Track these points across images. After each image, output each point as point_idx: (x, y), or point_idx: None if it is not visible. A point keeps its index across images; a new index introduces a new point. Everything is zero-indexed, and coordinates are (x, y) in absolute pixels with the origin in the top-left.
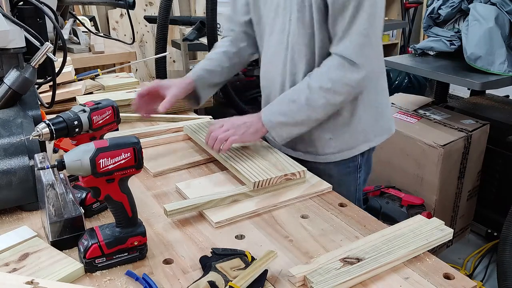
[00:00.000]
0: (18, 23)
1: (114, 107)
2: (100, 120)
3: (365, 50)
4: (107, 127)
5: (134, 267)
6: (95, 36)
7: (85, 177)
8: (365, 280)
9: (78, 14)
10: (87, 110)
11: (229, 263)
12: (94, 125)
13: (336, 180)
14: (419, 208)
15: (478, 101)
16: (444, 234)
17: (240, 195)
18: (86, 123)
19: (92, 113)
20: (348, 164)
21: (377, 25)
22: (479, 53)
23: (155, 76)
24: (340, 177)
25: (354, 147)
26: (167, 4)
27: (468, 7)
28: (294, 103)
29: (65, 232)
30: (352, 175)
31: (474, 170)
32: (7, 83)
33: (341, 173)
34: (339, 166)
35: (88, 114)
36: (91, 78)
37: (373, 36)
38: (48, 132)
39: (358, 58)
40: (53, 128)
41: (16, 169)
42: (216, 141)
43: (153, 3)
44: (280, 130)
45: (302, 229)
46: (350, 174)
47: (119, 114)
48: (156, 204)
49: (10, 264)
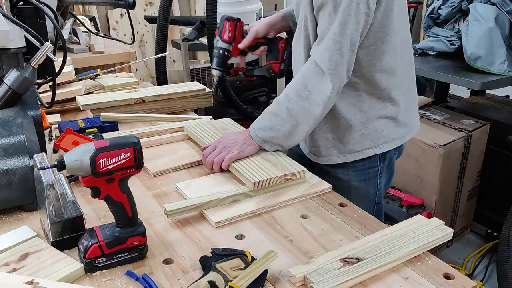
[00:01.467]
0: (18, 23)
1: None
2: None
3: (333, 58)
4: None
5: (134, 267)
6: (95, 36)
7: (85, 177)
8: (365, 280)
9: (78, 14)
10: None
11: (229, 263)
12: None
13: (354, 186)
14: (419, 208)
15: (478, 101)
16: (444, 234)
17: (240, 195)
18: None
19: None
20: (368, 170)
21: (348, 35)
22: (479, 53)
23: (155, 76)
24: (358, 184)
25: (359, 151)
26: (167, 4)
27: (468, 7)
28: (276, 116)
29: (65, 232)
30: (371, 180)
31: (474, 170)
32: (7, 83)
33: (359, 179)
34: (357, 172)
35: None
36: (91, 78)
37: (344, 46)
38: None
39: (325, 65)
40: None
41: (16, 169)
42: (214, 165)
43: (153, 3)
44: (273, 144)
45: (302, 229)
46: (369, 180)
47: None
48: (156, 204)
49: (10, 264)
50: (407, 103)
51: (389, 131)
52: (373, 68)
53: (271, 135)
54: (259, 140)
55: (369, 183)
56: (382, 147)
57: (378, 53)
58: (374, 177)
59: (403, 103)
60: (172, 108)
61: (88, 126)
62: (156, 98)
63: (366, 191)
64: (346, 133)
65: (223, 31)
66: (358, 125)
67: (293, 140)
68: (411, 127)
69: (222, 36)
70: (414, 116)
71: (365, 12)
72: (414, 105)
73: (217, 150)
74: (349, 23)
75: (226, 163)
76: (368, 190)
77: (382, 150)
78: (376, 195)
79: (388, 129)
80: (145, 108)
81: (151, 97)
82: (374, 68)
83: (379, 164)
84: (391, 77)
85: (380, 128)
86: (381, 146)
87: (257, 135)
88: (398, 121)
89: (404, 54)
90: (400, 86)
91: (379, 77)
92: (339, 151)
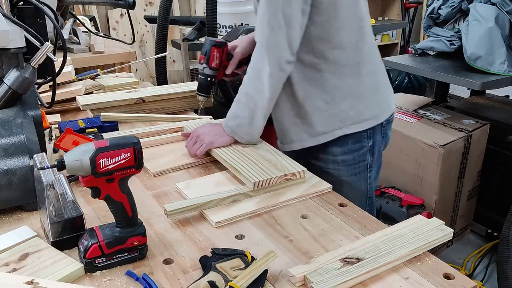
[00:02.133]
0: (18, 23)
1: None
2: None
3: (264, 33)
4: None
5: (134, 267)
6: (95, 36)
7: (85, 177)
8: (365, 280)
9: (78, 14)
10: None
11: (229, 263)
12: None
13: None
14: (419, 208)
15: (478, 101)
16: (444, 234)
17: (240, 195)
18: None
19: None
20: (358, 164)
21: (278, 8)
22: (479, 53)
23: (155, 76)
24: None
25: (328, 132)
26: (167, 4)
27: (468, 7)
28: (238, 102)
29: (65, 232)
30: (362, 174)
31: (474, 170)
32: (7, 83)
33: (350, 174)
34: (347, 167)
35: None
36: (91, 78)
37: (272, 19)
38: None
39: (257, 39)
40: None
41: (16, 169)
42: (191, 153)
43: (153, 3)
44: (240, 134)
45: (302, 229)
46: (360, 174)
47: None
48: (156, 204)
49: (10, 264)
50: (375, 82)
51: (358, 111)
52: (330, 45)
53: (236, 123)
54: (229, 131)
55: (360, 178)
56: (351, 127)
57: (332, 29)
58: (364, 171)
59: (370, 82)
60: (172, 108)
61: (88, 126)
62: (156, 98)
63: (358, 185)
64: (314, 115)
65: (211, 58)
66: (323, 106)
67: (255, 127)
68: (384, 108)
69: (210, 63)
70: (386, 96)
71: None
72: (384, 84)
73: (193, 139)
74: (278, 6)
75: (199, 154)
76: (360, 184)
77: (352, 131)
78: (368, 189)
79: (357, 109)
80: (145, 108)
81: (151, 97)
82: (331, 45)
83: (368, 157)
84: (352, 54)
85: (347, 108)
86: (350, 126)
87: (227, 125)
88: (366, 101)
89: (365, 32)
90: (364, 63)
91: (339, 54)
92: (309, 134)
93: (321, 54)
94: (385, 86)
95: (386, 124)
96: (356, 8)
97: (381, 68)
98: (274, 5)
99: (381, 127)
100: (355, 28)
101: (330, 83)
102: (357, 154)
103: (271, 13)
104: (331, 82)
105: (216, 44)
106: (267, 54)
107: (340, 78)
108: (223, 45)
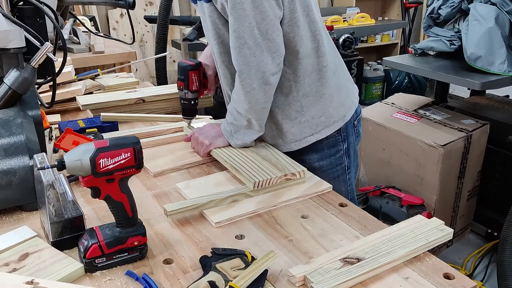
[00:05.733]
0: (18, 23)
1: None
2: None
3: (251, 62)
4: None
5: (134, 267)
6: (95, 36)
7: (85, 177)
8: (365, 280)
9: (78, 14)
10: None
11: (229, 263)
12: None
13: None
14: (419, 208)
15: (478, 101)
16: (444, 234)
17: (240, 195)
18: None
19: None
20: (336, 168)
21: (251, 26)
22: (479, 53)
23: (155, 76)
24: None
25: (300, 140)
26: (167, 4)
27: (468, 7)
28: (232, 114)
29: (65, 232)
30: (341, 177)
31: (474, 170)
32: (7, 83)
33: (329, 178)
34: (325, 172)
35: None
36: (91, 78)
37: (248, 38)
38: None
39: (244, 68)
40: None
41: (16, 169)
42: (201, 154)
43: (153, 3)
44: (238, 136)
45: (302, 229)
46: (339, 177)
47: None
48: (156, 204)
49: (10, 264)
50: (337, 80)
51: (328, 115)
52: (297, 55)
53: (234, 129)
54: (227, 134)
55: (339, 181)
56: (323, 132)
57: (297, 38)
58: (342, 173)
59: (334, 83)
60: (172, 108)
61: (88, 126)
62: (156, 98)
63: (338, 188)
64: (284, 123)
65: (190, 83)
66: (294, 114)
67: (255, 127)
68: (349, 105)
69: (191, 88)
70: (349, 93)
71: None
72: (346, 80)
73: (194, 141)
74: (247, 15)
75: (202, 155)
76: (339, 187)
77: (323, 135)
78: (348, 191)
79: (326, 113)
80: (145, 108)
81: (151, 97)
82: (298, 54)
83: (345, 160)
84: (316, 60)
85: (317, 115)
86: (322, 131)
87: (225, 128)
88: (333, 102)
89: (321, 34)
90: (328, 66)
91: (305, 62)
92: (283, 140)
93: (290, 63)
94: (345, 79)
95: (357, 123)
96: (312, 13)
97: (340, 63)
98: (247, 24)
99: (353, 128)
100: (314, 34)
101: (299, 92)
102: (334, 158)
103: (247, 33)
104: (300, 91)
105: (192, 68)
106: (250, 74)
107: (309, 86)
108: (199, 66)
